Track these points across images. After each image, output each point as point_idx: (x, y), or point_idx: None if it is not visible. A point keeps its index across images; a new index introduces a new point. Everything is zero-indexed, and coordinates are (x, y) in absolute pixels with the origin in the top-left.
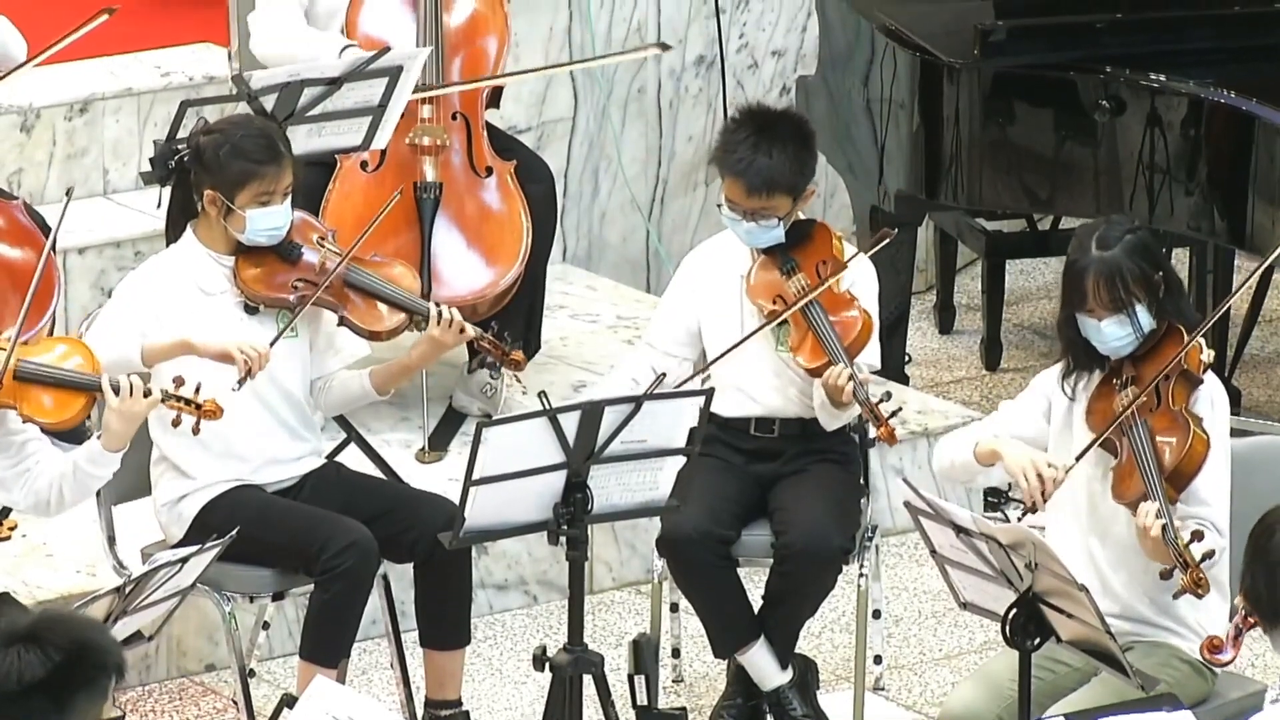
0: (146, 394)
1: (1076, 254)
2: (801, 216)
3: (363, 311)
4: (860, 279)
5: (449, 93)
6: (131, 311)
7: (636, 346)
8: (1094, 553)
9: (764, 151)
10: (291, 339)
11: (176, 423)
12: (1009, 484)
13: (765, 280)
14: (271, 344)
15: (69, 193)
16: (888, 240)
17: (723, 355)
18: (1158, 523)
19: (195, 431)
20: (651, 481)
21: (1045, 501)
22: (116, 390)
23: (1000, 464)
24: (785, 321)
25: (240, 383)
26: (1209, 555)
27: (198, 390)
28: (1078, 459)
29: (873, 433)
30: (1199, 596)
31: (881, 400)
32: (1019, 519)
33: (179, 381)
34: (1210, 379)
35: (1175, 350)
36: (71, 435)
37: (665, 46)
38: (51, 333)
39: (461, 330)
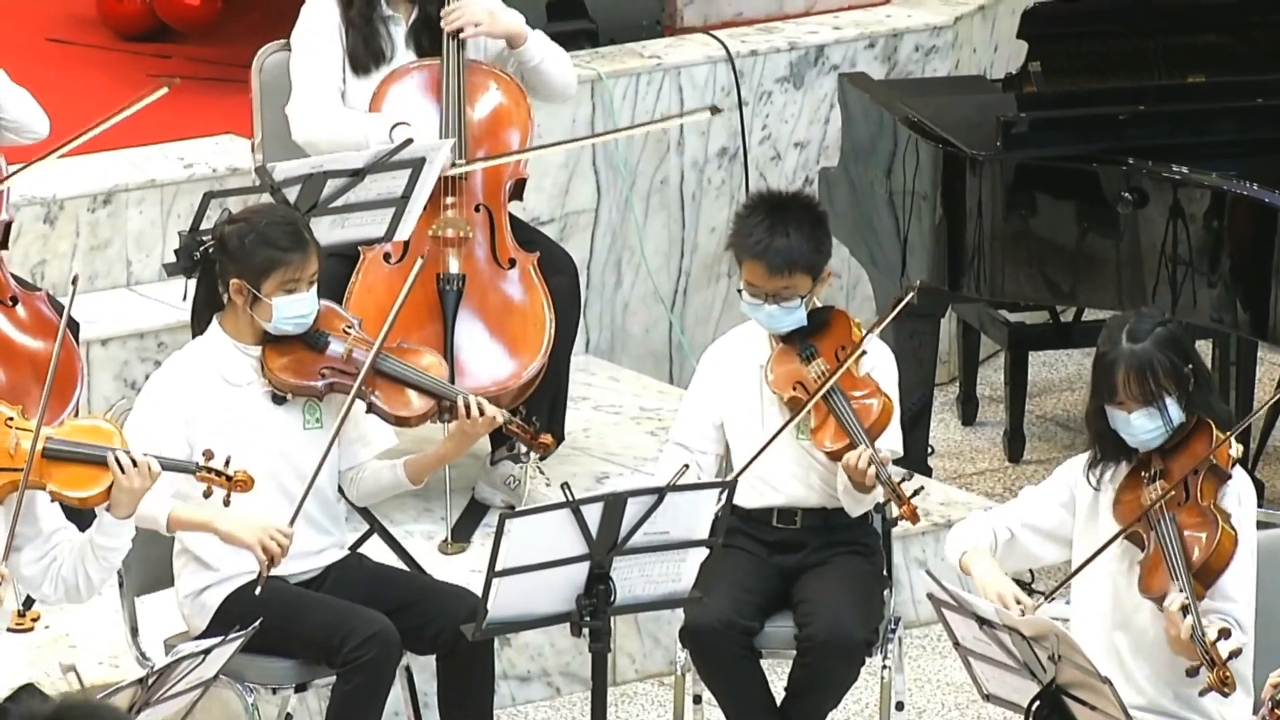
0: (168, 468)
1: (1107, 346)
2: (818, 305)
3: (391, 398)
4: (879, 365)
5: (471, 169)
6: (163, 422)
7: (667, 449)
8: (1118, 645)
9: (780, 232)
10: (316, 430)
11: (208, 494)
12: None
13: (785, 368)
14: (291, 522)
15: (74, 281)
16: (909, 298)
17: (754, 459)
18: (1186, 622)
19: (226, 503)
20: (674, 573)
21: None
22: (127, 466)
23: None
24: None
25: (258, 582)
26: (1236, 653)
27: (228, 463)
28: (1050, 596)
29: (895, 512)
30: (1225, 695)
31: (903, 480)
32: None
33: (209, 454)
34: (1238, 474)
35: (1204, 444)
36: (79, 516)
37: (716, 109)
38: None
39: (489, 416)
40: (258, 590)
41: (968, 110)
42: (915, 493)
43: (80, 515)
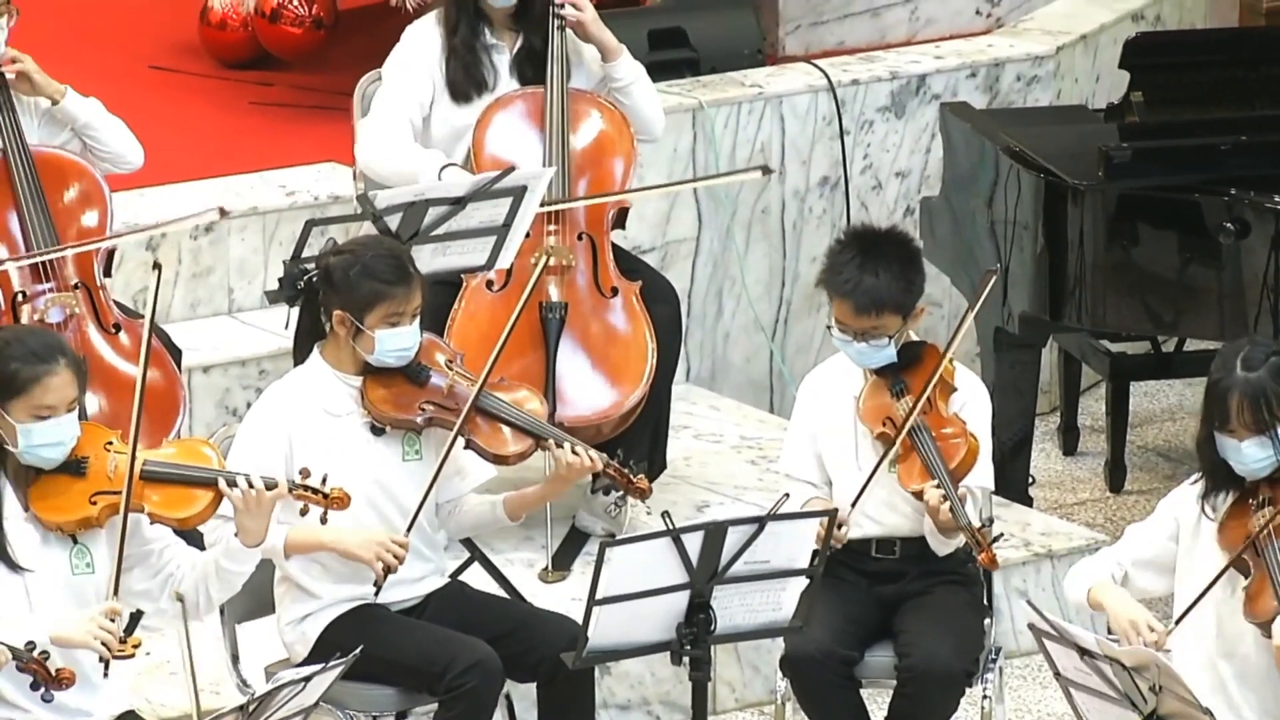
0: (271, 487)
1: (1220, 373)
2: (914, 338)
3: (489, 436)
4: (971, 403)
5: (573, 206)
6: (265, 451)
7: (782, 483)
8: (1223, 674)
9: (870, 271)
10: (415, 462)
11: (304, 512)
12: None
13: (875, 402)
14: (408, 531)
15: (157, 265)
16: (992, 281)
17: (857, 499)
18: None
19: (323, 521)
20: (775, 602)
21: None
22: (234, 485)
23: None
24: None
25: (378, 587)
26: None
27: (324, 480)
28: (1178, 620)
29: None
30: None
31: (984, 525)
32: None
33: (305, 473)
34: None
35: None
36: (189, 533)
37: (767, 170)
38: None
39: (584, 462)
40: (376, 595)
41: (1069, 140)
42: (995, 539)
43: (188, 532)
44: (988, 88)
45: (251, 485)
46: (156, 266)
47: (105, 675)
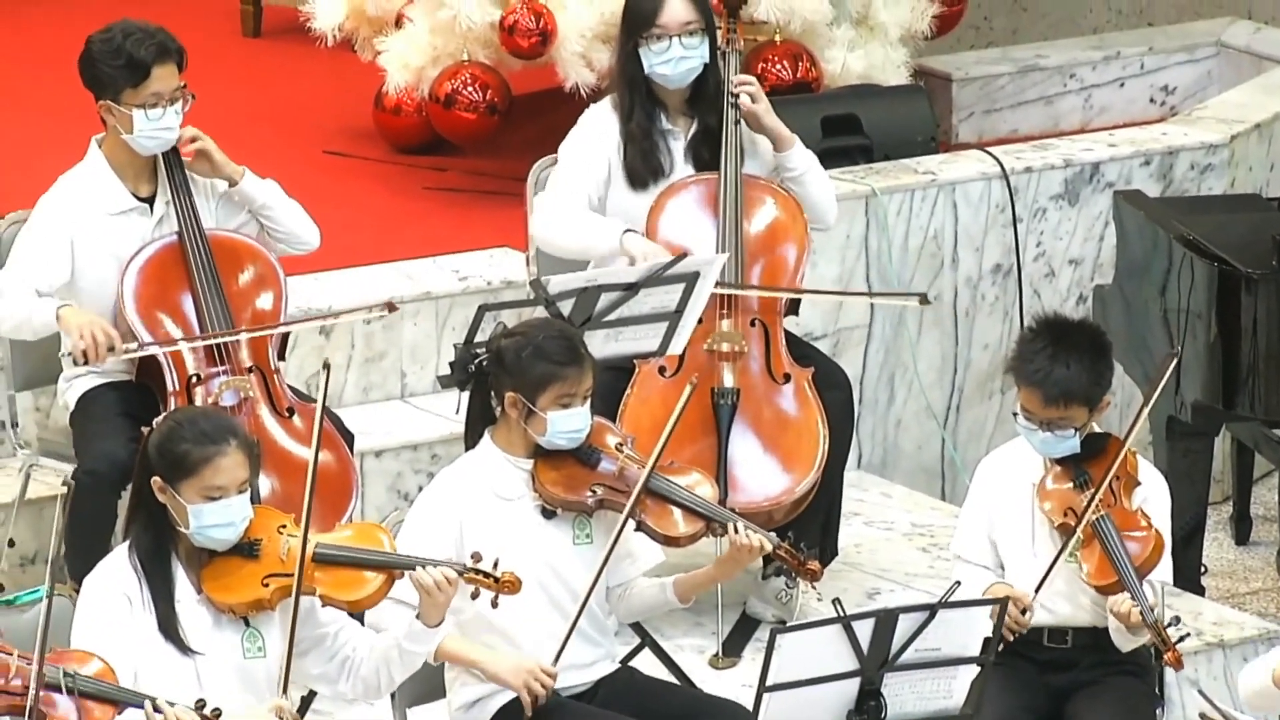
0: (447, 578)
1: None
2: (1097, 429)
3: (659, 516)
4: (1153, 496)
5: (746, 294)
6: (436, 535)
7: (954, 564)
8: None
9: (1061, 362)
10: (585, 546)
11: (475, 595)
12: None
13: (1057, 491)
14: (556, 659)
15: (326, 366)
16: (1173, 364)
17: (1037, 590)
18: None
19: (494, 605)
20: (945, 690)
21: None
22: (423, 567)
23: None
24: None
25: None
26: None
27: (496, 565)
28: None
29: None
30: None
31: (1170, 624)
32: None
33: (477, 557)
34: None
35: None
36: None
37: (925, 300)
38: None
39: (757, 544)
40: None
41: (1243, 229)
42: (1181, 638)
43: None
44: (1161, 176)
45: (429, 575)
46: (325, 366)
47: None
